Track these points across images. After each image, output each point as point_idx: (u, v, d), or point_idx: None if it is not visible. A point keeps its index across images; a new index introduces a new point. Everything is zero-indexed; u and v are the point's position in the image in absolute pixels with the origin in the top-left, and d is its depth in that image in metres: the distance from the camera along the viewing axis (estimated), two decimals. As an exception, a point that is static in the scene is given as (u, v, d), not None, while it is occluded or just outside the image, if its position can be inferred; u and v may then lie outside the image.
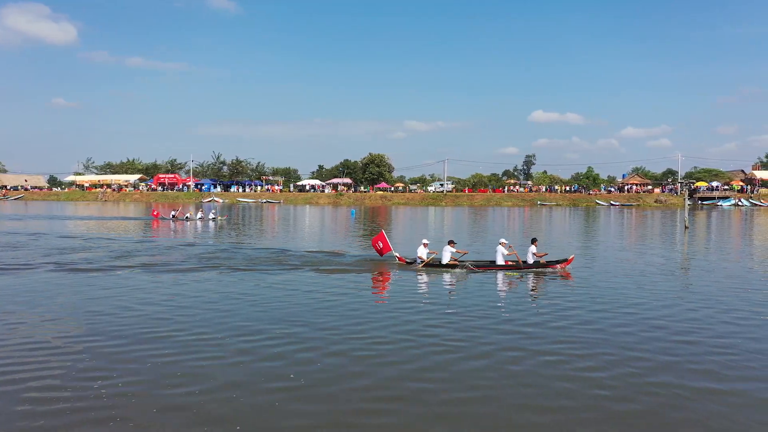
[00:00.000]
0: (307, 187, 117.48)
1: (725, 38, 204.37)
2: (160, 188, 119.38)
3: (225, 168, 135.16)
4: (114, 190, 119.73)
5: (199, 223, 42.60)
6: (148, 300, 12.92)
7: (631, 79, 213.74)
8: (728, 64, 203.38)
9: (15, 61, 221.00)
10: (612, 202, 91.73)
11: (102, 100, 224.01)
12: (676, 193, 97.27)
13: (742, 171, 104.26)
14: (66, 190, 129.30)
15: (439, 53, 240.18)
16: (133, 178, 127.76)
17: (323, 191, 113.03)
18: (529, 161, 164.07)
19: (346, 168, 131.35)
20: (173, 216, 45.79)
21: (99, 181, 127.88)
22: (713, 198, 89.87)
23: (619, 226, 45.70)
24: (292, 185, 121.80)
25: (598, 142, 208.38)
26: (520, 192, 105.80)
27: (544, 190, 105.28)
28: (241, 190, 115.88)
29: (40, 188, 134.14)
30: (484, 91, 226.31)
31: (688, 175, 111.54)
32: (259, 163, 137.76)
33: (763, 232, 38.97)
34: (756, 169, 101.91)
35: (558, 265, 17.80)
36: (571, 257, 18.24)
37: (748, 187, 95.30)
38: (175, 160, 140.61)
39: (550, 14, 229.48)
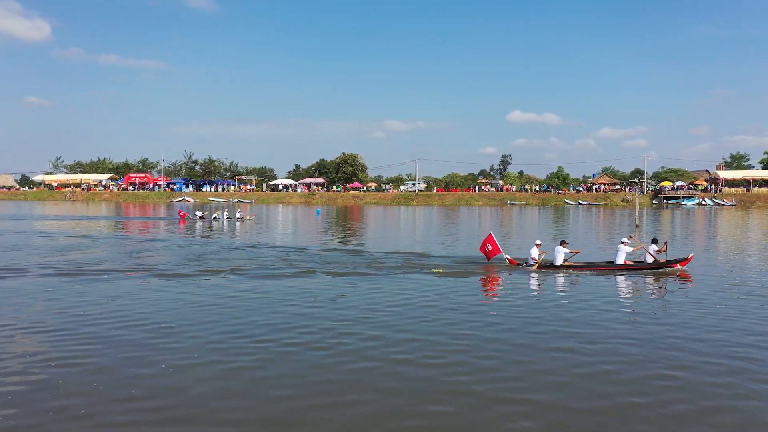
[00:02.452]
0: (280, 187, 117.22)
1: (699, 40, 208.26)
2: (131, 188, 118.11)
3: (197, 167, 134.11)
4: (83, 189, 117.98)
5: (225, 223, 42.48)
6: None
7: (608, 80, 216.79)
8: (702, 66, 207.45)
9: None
10: (580, 201, 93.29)
11: (76, 98, 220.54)
12: (642, 192, 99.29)
13: (707, 171, 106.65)
14: (34, 189, 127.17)
15: (418, 53, 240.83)
16: (104, 177, 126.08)
17: (296, 191, 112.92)
18: (505, 161, 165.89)
19: (321, 167, 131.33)
20: (200, 216, 45.88)
21: (68, 180, 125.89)
22: (678, 197, 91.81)
23: (575, 223, 46.60)
24: (264, 185, 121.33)
25: (576, 143, 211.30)
26: (491, 191, 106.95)
27: (514, 189, 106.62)
28: (213, 189, 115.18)
29: (8, 187, 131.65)
30: (463, 92, 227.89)
31: (656, 175, 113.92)
32: (232, 162, 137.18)
33: (708, 229, 40.08)
34: (720, 170, 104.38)
35: (677, 264, 17.69)
36: (690, 256, 18.19)
37: (712, 186, 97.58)
38: (146, 159, 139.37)
39: (529, 16, 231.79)
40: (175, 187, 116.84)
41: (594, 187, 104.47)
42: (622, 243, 17.89)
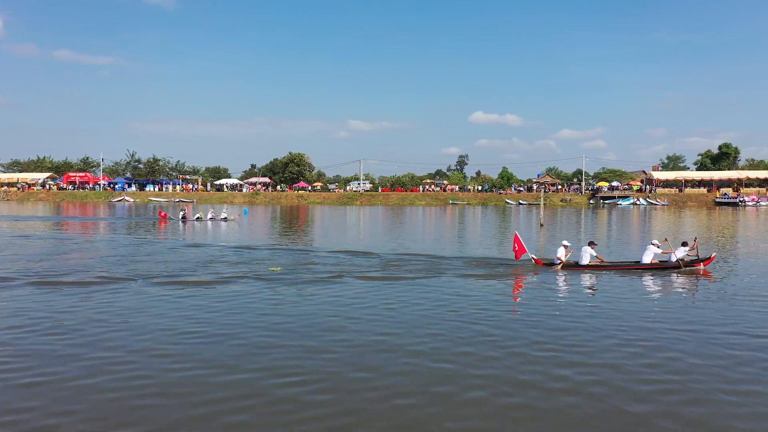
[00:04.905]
0: (225, 187, 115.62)
1: (655, 44, 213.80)
2: (70, 187, 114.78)
3: (141, 166, 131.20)
4: (18, 189, 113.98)
5: (209, 223, 41.82)
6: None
7: (568, 81, 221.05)
8: (658, 69, 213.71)
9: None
10: (521, 201, 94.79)
11: (29, 95, 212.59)
12: (581, 192, 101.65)
13: (644, 172, 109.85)
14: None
15: (382, 53, 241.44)
16: (42, 176, 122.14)
17: (241, 191, 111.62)
18: (462, 161, 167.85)
19: (274, 167, 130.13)
20: (182, 217, 44.90)
21: (2, 179, 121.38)
22: (614, 197, 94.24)
23: (485, 222, 47.19)
24: (209, 184, 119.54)
25: (536, 143, 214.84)
26: (435, 191, 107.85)
27: (457, 189, 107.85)
28: (157, 189, 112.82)
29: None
30: (426, 92, 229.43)
31: (596, 175, 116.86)
32: (178, 161, 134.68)
33: (618, 227, 41.22)
34: (655, 170, 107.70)
35: (700, 264, 17.87)
36: (713, 255, 18.45)
37: (647, 186, 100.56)
38: (88, 157, 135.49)
39: (491, 18, 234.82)
40: (116, 186, 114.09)
41: (535, 187, 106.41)
42: (652, 244, 17.99)
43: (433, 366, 8.18)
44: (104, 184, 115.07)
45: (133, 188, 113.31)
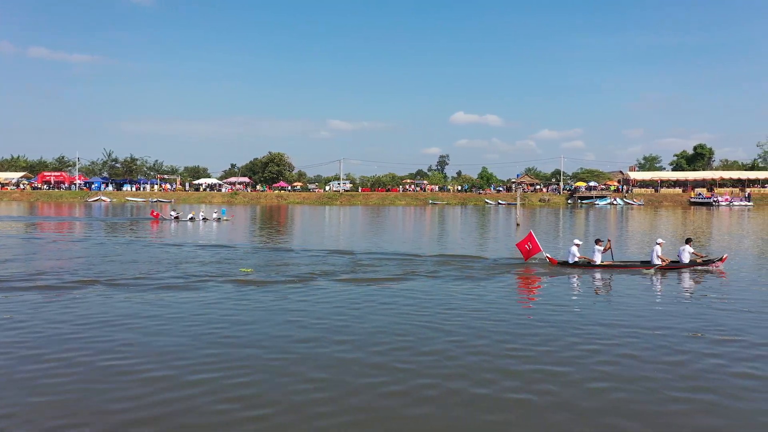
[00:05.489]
0: (203, 186, 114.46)
1: (633, 46, 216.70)
2: (45, 186, 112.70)
3: (118, 165, 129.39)
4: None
5: (202, 223, 41.77)
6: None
7: (547, 82, 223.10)
8: (636, 71, 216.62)
9: None
10: (500, 201, 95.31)
11: (3, 93, 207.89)
12: (559, 192, 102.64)
13: (621, 172, 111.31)
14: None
15: (363, 54, 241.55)
16: (16, 175, 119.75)
17: (220, 190, 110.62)
18: (442, 161, 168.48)
19: (254, 167, 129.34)
20: (175, 216, 44.69)
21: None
22: (591, 197, 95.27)
23: (464, 222, 47.43)
24: (187, 184, 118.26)
25: (516, 143, 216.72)
26: (415, 191, 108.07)
27: (437, 189, 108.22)
28: (135, 189, 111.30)
29: None
30: (407, 93, 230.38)
31: (575, 176, 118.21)
32: (156, 161, 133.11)
33: (595, 227, 41.65)
34: (632, 171, 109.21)
35: (713, 264, 18.13)
36: (725, 256, 18.66)
37: (624, 187, 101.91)
38: (63, 156, 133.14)
39: (471, 18, 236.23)
40: (93, 186, 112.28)
41: (514, 187, 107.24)
42: (658, 244, 18.28)
43: (392, 379, 8.16)
44: (80, 184, 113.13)
45: (110, 188, 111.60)
